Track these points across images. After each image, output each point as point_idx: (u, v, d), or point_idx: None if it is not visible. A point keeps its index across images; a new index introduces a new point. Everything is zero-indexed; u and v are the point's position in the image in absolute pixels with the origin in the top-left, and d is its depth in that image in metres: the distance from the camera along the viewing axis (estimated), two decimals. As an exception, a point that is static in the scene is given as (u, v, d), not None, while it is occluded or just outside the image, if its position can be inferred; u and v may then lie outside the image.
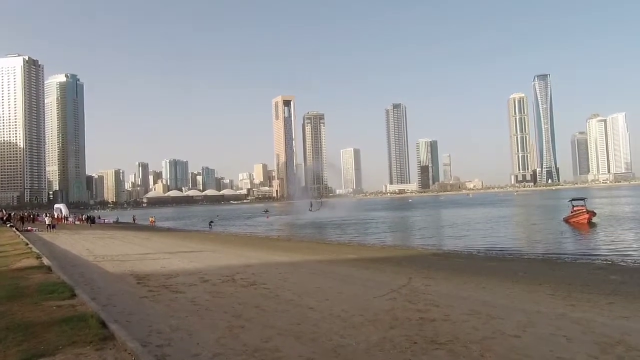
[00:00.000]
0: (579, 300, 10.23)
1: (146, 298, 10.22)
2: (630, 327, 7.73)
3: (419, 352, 6.27)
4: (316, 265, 17.65)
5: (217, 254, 22.24)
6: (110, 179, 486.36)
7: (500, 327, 7.62)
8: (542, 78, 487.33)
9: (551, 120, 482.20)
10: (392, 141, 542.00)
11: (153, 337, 6.92)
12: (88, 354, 5.47)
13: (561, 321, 8.09)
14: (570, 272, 16.01)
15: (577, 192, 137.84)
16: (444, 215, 67.65)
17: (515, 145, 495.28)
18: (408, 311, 8.87)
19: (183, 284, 12.16)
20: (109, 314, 7.82)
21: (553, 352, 6.21)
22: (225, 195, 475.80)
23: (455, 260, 20.23)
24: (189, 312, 8.83)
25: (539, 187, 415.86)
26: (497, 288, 12.13)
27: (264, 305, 9.44)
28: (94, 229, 50.45)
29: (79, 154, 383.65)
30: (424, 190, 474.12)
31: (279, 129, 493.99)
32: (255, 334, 7.20)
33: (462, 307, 9.28)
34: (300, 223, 62.60)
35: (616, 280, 13.61)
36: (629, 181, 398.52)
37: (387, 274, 14.99)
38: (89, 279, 12.96)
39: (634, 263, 17.97)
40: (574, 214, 39.27)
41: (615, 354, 6.14)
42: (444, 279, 13.83)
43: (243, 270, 14.87)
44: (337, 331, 7.42)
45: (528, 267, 17.43)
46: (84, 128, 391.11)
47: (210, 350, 6.37)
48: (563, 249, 23.57)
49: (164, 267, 15.83)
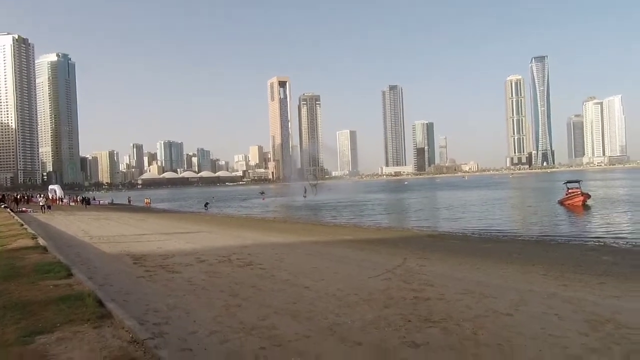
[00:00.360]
0: (571, 280, 10.39)
1: (143, 278, 10.27)
2: (620, 306, 7.87)
3: (413, 330, 6.37)
4: (312, 246, 17.77)
5: (214, 235, 22.31)
6: (104, 161, 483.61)
7: (493, 305, 7.74)
8: (540, 60, 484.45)
9: (548, 102, 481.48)
10: (389, 123, 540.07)
11: (150, 316, 6.98)
12: (86, 332, 5.51)
13: (553, 300, 8.22)
14: (563, 253, 16.21)
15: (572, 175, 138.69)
16: (440, 198, 68.00)
17: (511, 127, 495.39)
18: (403, 291, 8.97)
19: (179, 264, 12.22)
20: (106, 293, 7.86)
21: (544, 330, 6.32)
22: (220, 177, 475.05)
23: (450, 241, 20.40)
24: (185, 291, 8.90)
25: (534, 169, 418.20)
26: (491, 269, 12.28)
27: (260, 285, 9.52)
28: (89, 210, 50.40)
29: (72, 135, 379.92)
30: (420, 173, 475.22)
31: (274, 110, 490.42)
32: (251, 313, 7.27)
33: (456, 286, 9.40)
34: (296, 205, 62.77)
35: (608, 261, 13.80)
36: (623, 164, 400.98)
37: (383, 254, 15.12)
38: (85, 259, 12.99)
39: (626, 244, 18.21)
40: (569, 197, 39.52)
41: (605, 332, 6.26)
42: (439, 259, 13.98)
43: (239, 251, 14.95)
44: (333, 310, 7.51)
45: (522, 248, 17.63)
46: (76, 108, 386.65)
47: (207, 328, 6.44)
48: (557, 231, 23.81)
49: (160, 248, 15.88)
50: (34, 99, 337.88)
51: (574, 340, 5.91)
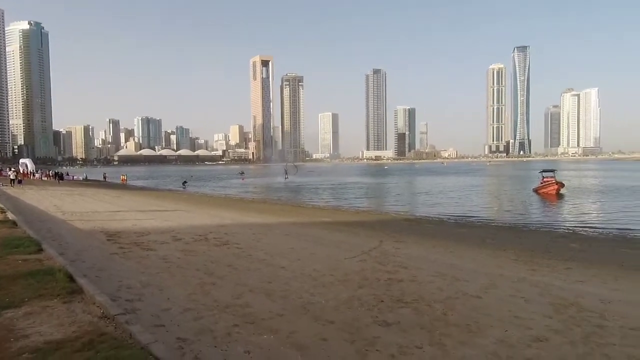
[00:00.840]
0: (539, 265, 10.73)
1: (116, 255, 10.13)
2: (584, 290, 8.20)
3: (385, 310, 6.50)
4: (290, 227, 17.80)
5: (191, 213, 22.10)
6: (79, 135, 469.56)
7: (464, 288, 7.95)
8: (522, 50, 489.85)
9: (527, 92, 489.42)
10: (371, 107, 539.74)
11: (123, 292, 6.91)
12: (55, 307, 5.43)
13: (521, 284, 8.50)
14: (534, 239, 16.70)
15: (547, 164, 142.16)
16: (419, 183, 68.85)
17: (491, 116, 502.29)
18: (377, 272, 9.12)
19: (155, 241, 12.09)
20: (77, 268, 7.74)
21: (511, 312, 6.55)
22: (200, 155, 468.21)
23: (426, 225, 20.75)
24: (160, 269, 8.83)
25: (511, 158, 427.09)
26: (465, 253, 12.57)
27: (236, 264, 9.52)
28: (62, 185, 49.13)
29: (45, 108, 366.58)
30: (400, 158, 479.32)
31: (256, 89, 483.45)
32: (226, 291, 7.28)
33: (429, 269, 9.60)
34: (275, 186, 62.61)
35: (575, 248, 14.31)
36: (596, 155, 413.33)
37: (360, 237, 15.28)
38: (57, 235, 12.71)
39: (593, 232, 18.88)
40: (544, 185, 40.45)
41: (568, 314, 6.53)
42: (414, 242, 14.22)
43: (216, 230, 14.87)
44: (308, 289, 7.59)
45: (495, 234, 18.08)
46: (50, 80, 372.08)
47: (180, 305, 6.43)
48: (529, 218, 24.48)
49: (135, 225, 15.66)
50: (4, 68, 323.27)
51: (538, 322, 6.14)
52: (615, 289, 8.55)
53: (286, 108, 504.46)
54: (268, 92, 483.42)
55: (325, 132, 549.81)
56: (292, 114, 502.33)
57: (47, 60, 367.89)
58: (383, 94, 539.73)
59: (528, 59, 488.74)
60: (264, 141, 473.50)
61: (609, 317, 6.44)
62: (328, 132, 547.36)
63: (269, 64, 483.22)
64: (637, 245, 15.17)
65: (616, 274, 10.04)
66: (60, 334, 4.70)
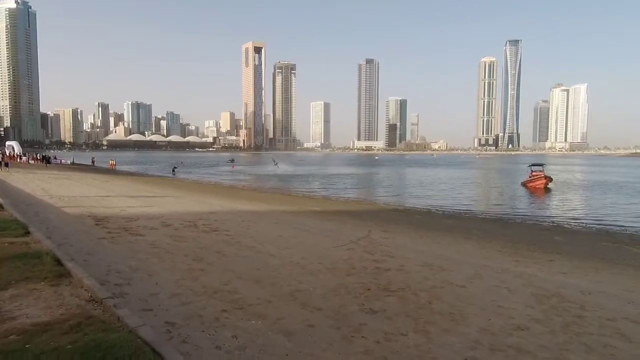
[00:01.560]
0: (523, 257, 10.95)
1: (105, 239, 10.10)
2: (566, 282, 8.40)
3: (372, 298, 6.61)
4: (280, 215, 17.85)
5: (180, 200, 22.01)
6: (67, 118, 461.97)
7: (449, 278, 8.09)
8: (514, 44, 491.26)
9: (518, 86, 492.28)
10: (363, 97, 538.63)
11: (112, 276, 6.92)
12: (42, 289, 5.43)
13: (505, 275, 8.67)
14: (519, 231, 16.99)
15: (535, 158, 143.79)
16: (409, 174, 69.22)
17: (482, 109, 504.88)
18: (365, 261, 9.22)
19: (144, 227, 12.05)
20: (65, 252, 7.71)
21: (494, 302, 6.70)
22: (190, 142, 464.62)
23: (414, 216, 20.95)
24: (149, 254, 8.83)
25: (500, 151, 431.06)
26: (451, 243, 12.75)
27: (225, 251, 9.55)
28: (49, 169, 48.49)
29: (32, 89, 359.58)
30: (391, 148, 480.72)
31: (248, 76, 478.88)
32: (215, 277, 7.33)
33: (416, 259, 9.74)
34: (266, 174, 62.49)
35: (559, 241, 14.60)
36: (582, 151, 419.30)
37: (348, 226, 15.39)
38: (44, 218, 12.61)
39: (576, 225, 19.26)
40: (532, 179, 40.93)
41: (549, 305, 6.70)
42: (402, 232, 14.37)
43: (206, 217, 14.86)
44: (296, 277, 7.66)
45: (482, 225, 18.34)
46: (37, 61, 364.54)
47: (169, 290, 6.46)
48: (516, 211, 24.82)
49: (124, 210, 15.57)
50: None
51: (520, 311, 6.30)
52: (596, 281, 8.77)
53: (278, 96, 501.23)
54: (260, 79, 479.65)
55: (316, 121, 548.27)
56: (284, 102, 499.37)
57: (35, 40, 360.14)
58: (375, 85, 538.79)
59: (520, 53, 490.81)
60: (255, 129, 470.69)
61: (589, 308, 6.62)
62: (319, 121, 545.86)
63: (261, 51, 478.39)
64: (618, 239, 15.51)
65: (597, 267, 10.31)
66: (47, 317, 4.71)
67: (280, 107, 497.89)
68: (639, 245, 14.42)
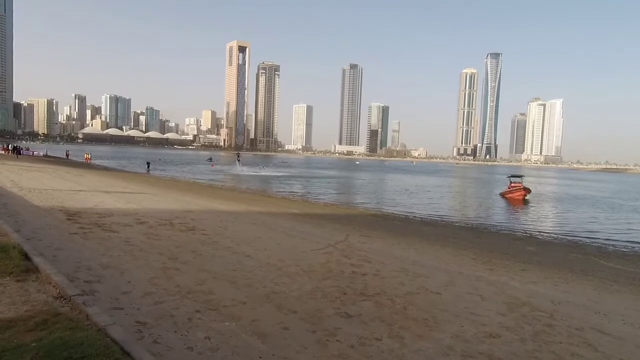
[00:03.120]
0: (497, 266, 11.17)
1: (76, 235, 9.81)
2: (536, 291, 8.60)
3: (347, 302, 6.61)
4: (258, 216, 17.71)
5: (157, 197, 21.60)
6: (41, 109, 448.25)
7: (424, 284, 8.17)
8: (495, 56, 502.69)
9: (497, 98, 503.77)
10: (346, 102, 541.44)
11: (82, 273, 6.72)
12: (7, 285, 5.22)
13: (479, 282, 8.82)
14: (493, 240, 17.32)
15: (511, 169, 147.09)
16: (388, 180, 69.83)
17: (462, 119, 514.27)
18: (342, 265, 9.23)
19: (118, 223, 11.77)
20: (33, 247, 7.46)
21: (467, 309, 6.79)
22: (169, 139, 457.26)
23: (392, 222, 21.12)
24: (122, 251, 8.62)
25: (478, 161, 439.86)
26: (427, 250, 12.90)
27: (200, 250, 9.41)
28: (20, 160, 46.91)
29: (5, 78, 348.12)
30: (371, 154, 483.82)
31: (231, 75, 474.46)
32: (189, 277, 7.20)
33: (392, 264, 9.81)
34: (245, 174, 62.04)
35: (531, 251, 14.95)
36: (556, 164, 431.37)
37: (327, 229, 15.39)
38: (13, 211, 12.16)
39: (548, 237, 19.77)
40: (511, 190, 41.62)
41: (520, 313, 6.84)
42: (379, 238, 14.46)
43: (183, 215, 14.63)
44: (272, 279, 7.60)
45: (457, 233, 18.62)
46: (12, 48, 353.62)
47: (141, 289, 6.31)
48: (491, 220, 25.32)
49: (98, 206, 15.18)
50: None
51: (492, 319, 6.41)
52: (566, 291, 9.01)
53: (261, 96, 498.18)
54: (243, 79, 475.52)
55: (299, 123, 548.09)
56: (267, 103, 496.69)
57: (11, 27, 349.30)
58: (358, 90, 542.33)
59: (500, 66, 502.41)
60: (237, 129, 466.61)
61: (558, 317, 6.79)
62: (302, 124, 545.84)
63: (245, 50, 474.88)
64: (588, 251, 15.99)
65: (567, 277, 10.59)
66: (11, 313, 4.53)
67: (262, 108, 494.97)
68: (606, 257, 14.90)
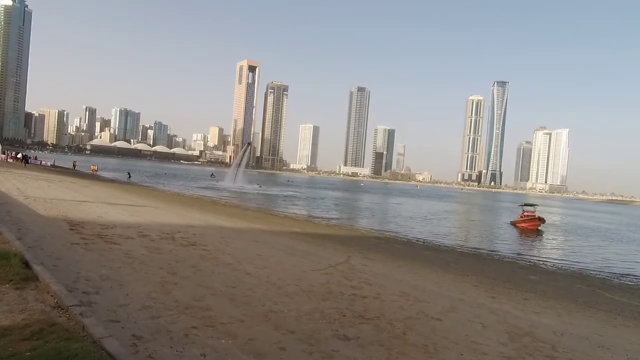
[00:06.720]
0: (499, 294, 11.01)
1: (78, 245, 9.82)
2: (539, 321, 8.45)
3: (346, 324, 6.53)
4: (260, 234, 17.67)
5: (160, 210, 21.65)
6: (52, 120, 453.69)
7: (425, 309, 8.06)
8: (501, 85, 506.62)
9: (503, 126, 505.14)
10: (352, 123, 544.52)
11: (81, 284, 6.71)
12: (6, 292, 5.22)
13: (480, 310, 8.69)
14: (496, 268, 17.13)
15: (516, 197, 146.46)
16: (392, 203, 69.64)
17: (467, 145, 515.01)
18: (342, 286, 9.14)
19: (120, 235, 11.78)
20: (34, 255, 7.46)
21: (468, 337, 6.68)
22: (176, 153, 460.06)
23: (394, 245, 20.97)
24: (122, 263, 8.60)
25: (482, 187, 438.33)
26: (429, 275, 12.76)
27: (201, 266, 9.37)
28: (28, 169, 47.30)
29: (19, 87, 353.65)
30: (376, 176, 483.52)
31: (240, 93, 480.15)
32: (188, 292, 7.16)
33: (393, 288, 9.70)
34: (250, 192, 62.14)
35: (534, 280, 14.75)
36: (561, 193, 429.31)
37: (328, 250, 15.30)
38: (16, 219, 12.22)
39: (552, 266, 19.53)
40: (525, 219, 40.14)
41: (522, 343, 6.72)
42: (381, 260, 14.34)
43: (185, 230, 14.62)
44: (271, 298, 7.54)
45: (460, 259, 18.43)
46: (28, 60, 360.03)
47: (139, 302, 6.28)
48: (495, 247, 25.08)
49: (101, 217, 15.22)
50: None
51: (493, 348, 6.29)
52: (568, 322, 8.85)
53: (268, 115, 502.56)
54: (252, 97, 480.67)
55: (304, 143, 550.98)
56: (274, 122, 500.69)
57: (28, 39, 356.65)
58: (365, 112, 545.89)
59: (506, 94, 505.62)
60: (243, 146, 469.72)
61: (560, 349, 6.66)
62: (307, 144, 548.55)
63: (256, 69, 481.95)
64: (592, 283, 15.75)
65: (570, 308, 10.41)
66: (8, 321, 4.51)
67: (269, 127, 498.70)
68: (610, 289, 14.66)
